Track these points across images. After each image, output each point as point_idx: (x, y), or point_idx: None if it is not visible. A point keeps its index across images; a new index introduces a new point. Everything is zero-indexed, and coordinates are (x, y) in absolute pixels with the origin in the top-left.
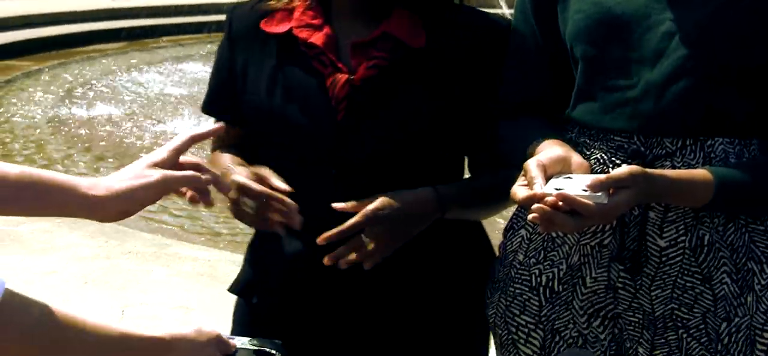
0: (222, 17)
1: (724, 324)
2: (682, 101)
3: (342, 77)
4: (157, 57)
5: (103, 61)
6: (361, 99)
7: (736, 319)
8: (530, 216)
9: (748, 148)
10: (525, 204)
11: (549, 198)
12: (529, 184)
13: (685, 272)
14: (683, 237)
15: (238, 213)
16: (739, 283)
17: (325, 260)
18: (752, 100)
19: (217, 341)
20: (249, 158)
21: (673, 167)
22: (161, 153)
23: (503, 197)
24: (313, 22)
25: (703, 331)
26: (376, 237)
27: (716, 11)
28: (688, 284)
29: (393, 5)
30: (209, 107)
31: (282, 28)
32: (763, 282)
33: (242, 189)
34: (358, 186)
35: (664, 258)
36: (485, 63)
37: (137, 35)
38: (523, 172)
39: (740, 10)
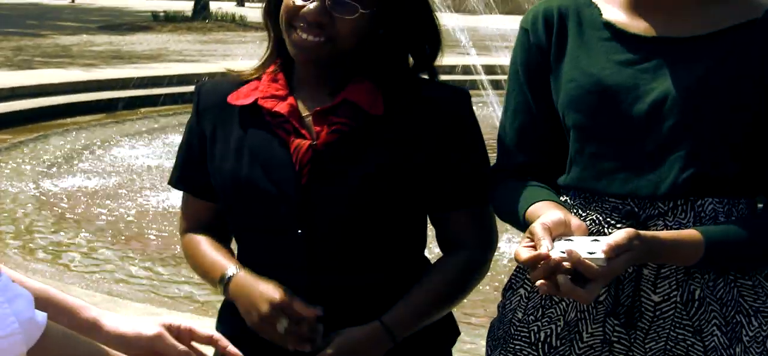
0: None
1: None
2: (672, 166)
3: (305, 143)
4: (135, 129)
5: (83, 133)
6: (323, 163)
7: None
8: (538, 282)
9: (737, 207)
10: (529, 265)
11: (555, 257)
12: (536, 245)
13: (678, 325)
14: (675, 292)
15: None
16: (729, 335)
17: None
18: (740, 161)
19: None
20: (219, 233)
21: (666, 226)
22: (177, 322)
23: (463, 287)
24: (278, 93)
25: None
26: None
27: (700, 79)
28: (680, 336)
29: (352, 75)
30: (177, 181)
31: (247, 100)
32: (750, 334)
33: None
34: (325, 247)
35: (657, 313)
36: (447, 128)
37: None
38: (526, 234)
39: (724, 77)
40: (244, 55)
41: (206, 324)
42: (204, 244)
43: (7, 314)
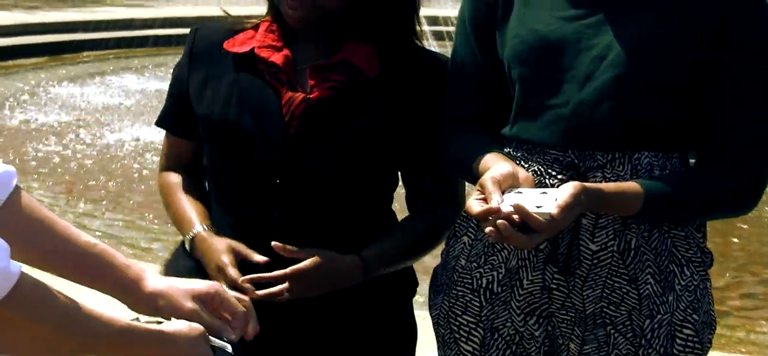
0: (141, 33)
1: (648, 321)
2: (609, 118)
3: (299, 95)
4: (83, 70)
5: (29, 74)
6: (315, 117)
7: (659, 316)
8: (487, 230)
9: (671, 161)
10: (480, 218)
11: (505, 211)
12: (487, 198)
13: (614, 273)
14: (612, 242)
15: None
16: (662, 284)
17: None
18: (675, 116)
19: (205, 336)
20: (198, 174)
21: (604, 178)
22: (207, 289)
23: (433, 242)
24: (274, 44)
25: (629, 327)
26: (299, 289)
27: (644, 33)
28: (616, 284)
29: (350, 34)
30: (164, 121)
31: (244, 48)
32: (682, 283)
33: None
34: (300, 199)
35: (595, 261)
36: (432, 95)
37: (55, 50)
38: (477, 187)
39: (668, 32)
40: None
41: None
42: (179, 192)
43: None
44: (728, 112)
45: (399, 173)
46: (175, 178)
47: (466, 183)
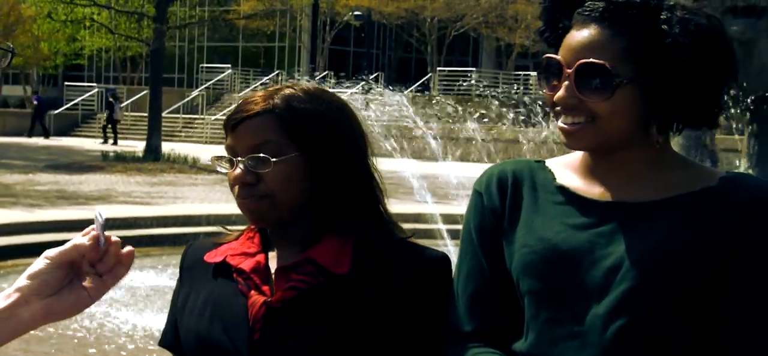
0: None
1: None
2: (626, 333)
3: (259, 298)
4: None
5: None
6: (277, 321)
7: None
8: None
9: None
10: None
11: None
12: None
13: None
14: None
15: None
16: None
17: None
18: (693, 328)
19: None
20: None
21: None
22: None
23: None
24: (248, 250)
25: None
26: None
27: (658, 243)
28: None
29: (324, 232)
30: (165, 340)
31: (219, 258)
32: None
33: None
34: None
35: None
36: (413, 295)
37: None
38: None
39: (682, 242)
40: (195, 199)
41: None
42: None
43: None
44: (746, 334)
45: None
46: None
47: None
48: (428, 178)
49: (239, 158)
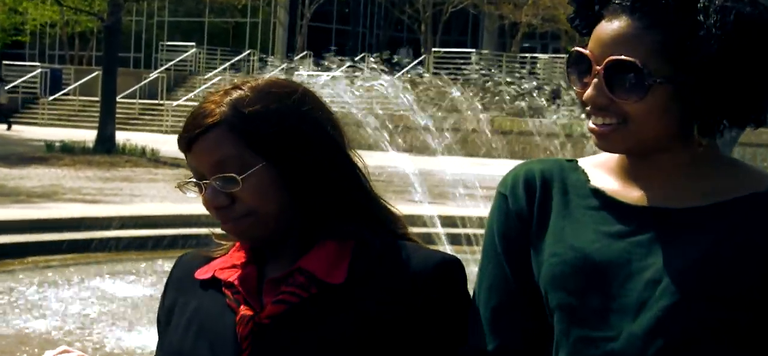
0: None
1: None
2: (667, 353)
3: (247, 314)
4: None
5: None
6: (267, 338)
7: None
8: None
9: None
10: None
11: None
12: None
13: None
14: None
15: None
16: None
17: None
18: (740, 351)
19: None
20: None
21: None
22: None
23: None
24: (238, 263)
25: None
26: None
27: (706, 253)
28: None
29: (318, 237)
30: None
31: (207, 274)
32: None
33: None
34: None
35: None
36: (417, 305)
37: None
38: None
39: (732, 252)
40: (155, 197)
41: None
42: None
43: None
44: None
45: None
46: None
47: None
48: (424, 174)
49: (206, 181)
